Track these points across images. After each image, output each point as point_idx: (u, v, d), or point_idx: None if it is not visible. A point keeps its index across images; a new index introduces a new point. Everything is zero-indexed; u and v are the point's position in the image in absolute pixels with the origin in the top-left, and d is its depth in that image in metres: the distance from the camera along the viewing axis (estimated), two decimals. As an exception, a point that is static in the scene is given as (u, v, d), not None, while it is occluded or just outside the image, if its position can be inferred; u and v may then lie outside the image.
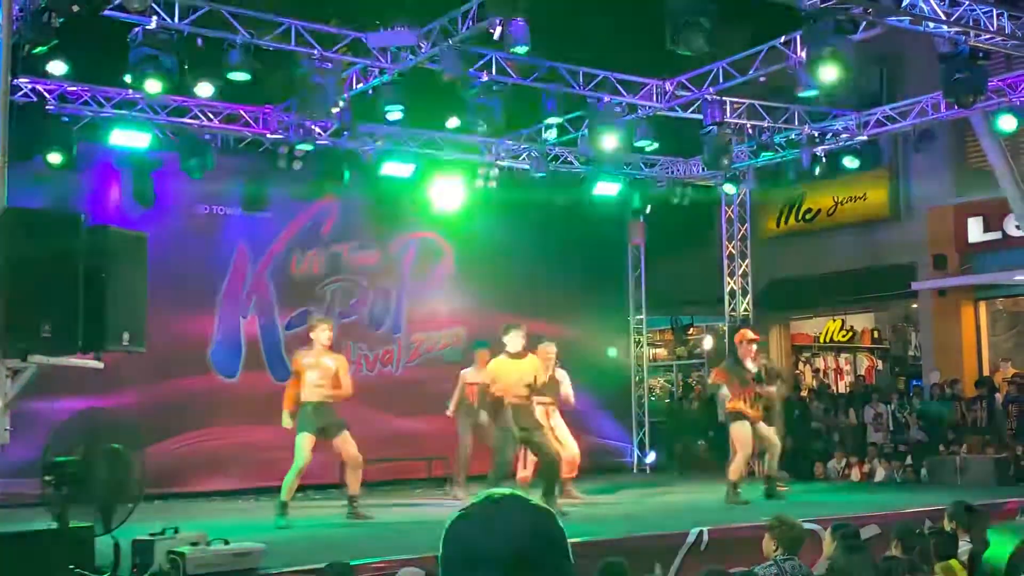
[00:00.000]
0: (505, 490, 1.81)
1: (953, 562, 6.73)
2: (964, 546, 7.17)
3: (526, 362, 11.00)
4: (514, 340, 10.94)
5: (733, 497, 12.06)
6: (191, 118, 13.49)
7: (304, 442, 10.51)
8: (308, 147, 14.01)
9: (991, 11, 11.42)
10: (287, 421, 10.76)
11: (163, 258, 11.90)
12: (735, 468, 12.28)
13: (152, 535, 7.16)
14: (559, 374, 12.45)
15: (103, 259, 7.65)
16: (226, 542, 7.36)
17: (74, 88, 12.74)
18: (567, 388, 12.59)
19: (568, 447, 12.34)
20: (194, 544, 7.15)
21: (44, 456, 7.03)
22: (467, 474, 12.99)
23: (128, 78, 11.24)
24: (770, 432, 12.64)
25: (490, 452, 11.36)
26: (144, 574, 7.02)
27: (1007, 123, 13.46)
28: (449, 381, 13.44)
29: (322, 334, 10.79)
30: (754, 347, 12.64)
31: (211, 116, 13.63)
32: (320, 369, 10.66)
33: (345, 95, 12.39)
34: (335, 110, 12.07)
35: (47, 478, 6.86)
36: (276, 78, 12.47)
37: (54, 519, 6.90)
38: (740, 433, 12.33)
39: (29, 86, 12.28)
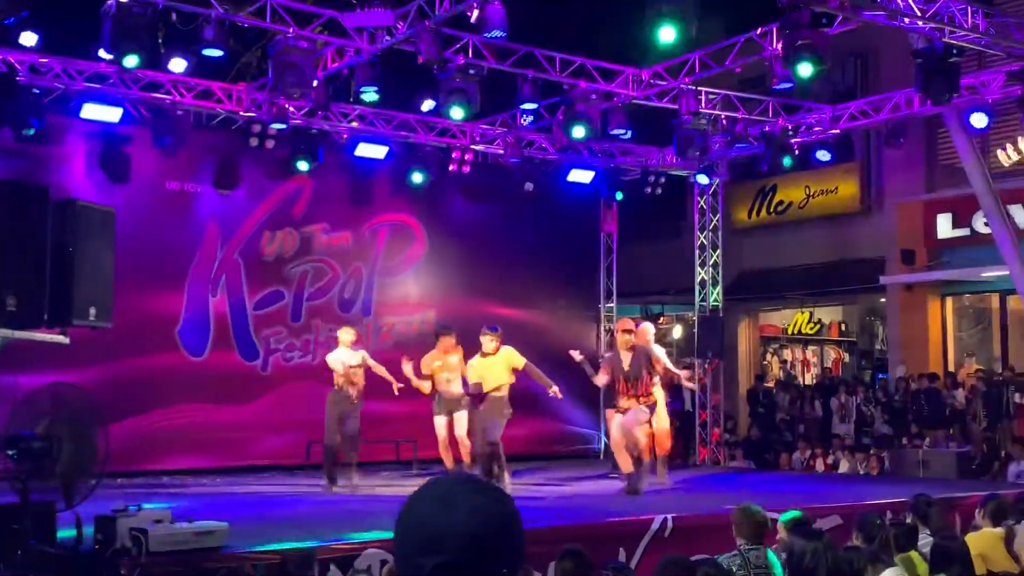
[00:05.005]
0: (459, 472, 1.82)
1: (913, 553, 6.79)
2: (925, 538, 7.24)
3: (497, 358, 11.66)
4: (487, 343, 11.62)
5: (630, 487, 11.50)
6: (163, 93, 13.36)
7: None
8: (281, 126, 13.92)
9: (966, 8, 11.49)
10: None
11: (132, 234, 11.81)
12: (620, 462, 11.66)
13: (115, 512, 7.11)
14: (657, 351, 12.28)
15: (71, 233, 7.59)
16: (190, 520, 7.32)
17: (45, 60, 12.59)
18: (665, 361, 12.50)
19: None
20: (157, 521, 7.11)
21: (7, 430, 6.96)
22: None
23: (101, 51, 11.12)
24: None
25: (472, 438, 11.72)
26: (106, 551, 6.98)
27: (978, 120, 13.56)
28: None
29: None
30: (629, 337, 11.68)
31: (183, 92, 13.50)
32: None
33: (319, 75, 12.32)
34: (309, 90, 11.99)
35: (10, 452, 6.79)
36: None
37: (16, 494, 6.84)
38: (610, 427, 12.08)
39: (0, 57, 12.13)
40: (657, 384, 12.02)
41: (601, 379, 11.72)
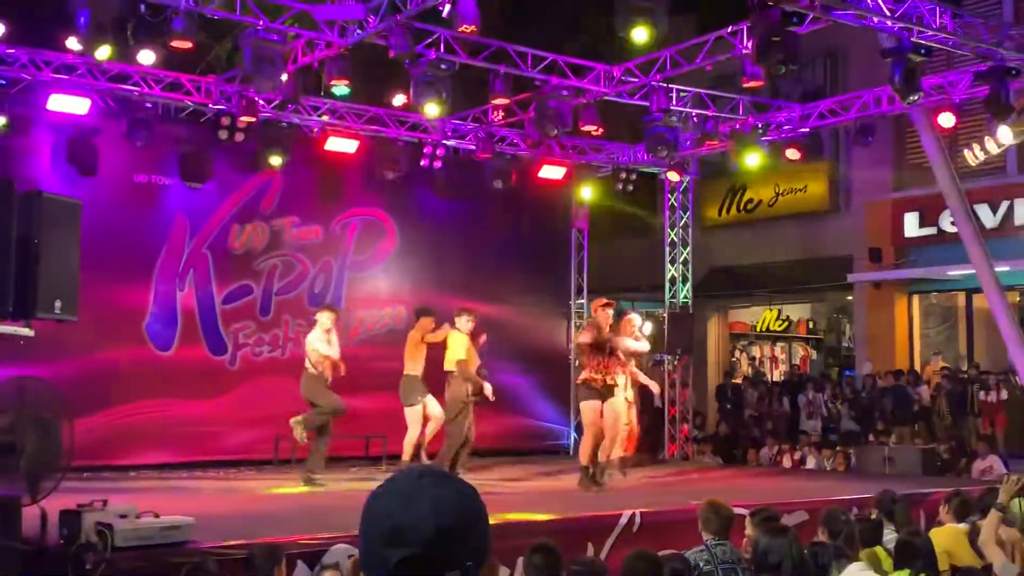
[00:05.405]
0: (426, 465, 1.82)
1: (878, 549, 6.85)
2: (889, 534, 7.31)
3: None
4: (464, 323, 11.99)
5: (585, 482, 11.41)
6: (131, 85, 13.25)
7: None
8: (250, 119, 13.83)
9: (935, 8, 11.58)
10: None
11: (99, 227, 11.70)
12: (584, 450, 11.52)
13: (80, 506, 7.04)
14: (632, 345, 12.12)
15: (36, 226, 7.51)
16: (156, 515, 7.27)
17: (12, 50, 12.46)
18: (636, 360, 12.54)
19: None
20: (123, 516, 7.05)
21: (-30, 424, 6.89)
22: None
23: (70, 42, 11.00)
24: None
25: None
26: (71, 545, 6.92)
27: (946, 120, 13.67)
28: (389, 359, 13.32)
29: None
30: (611, 312, 11.57)
31: (152, 84, 13.39)
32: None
33: (290, 68, 12.26)
34: (279, 83, 11.91)
35: (-27, 446, 6.72)
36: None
37: (-21, 488, 6.78)
38: (587, 411, 11.52)
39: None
40: (626, 375, 12.03)
41: (585, 336, 11.60)
